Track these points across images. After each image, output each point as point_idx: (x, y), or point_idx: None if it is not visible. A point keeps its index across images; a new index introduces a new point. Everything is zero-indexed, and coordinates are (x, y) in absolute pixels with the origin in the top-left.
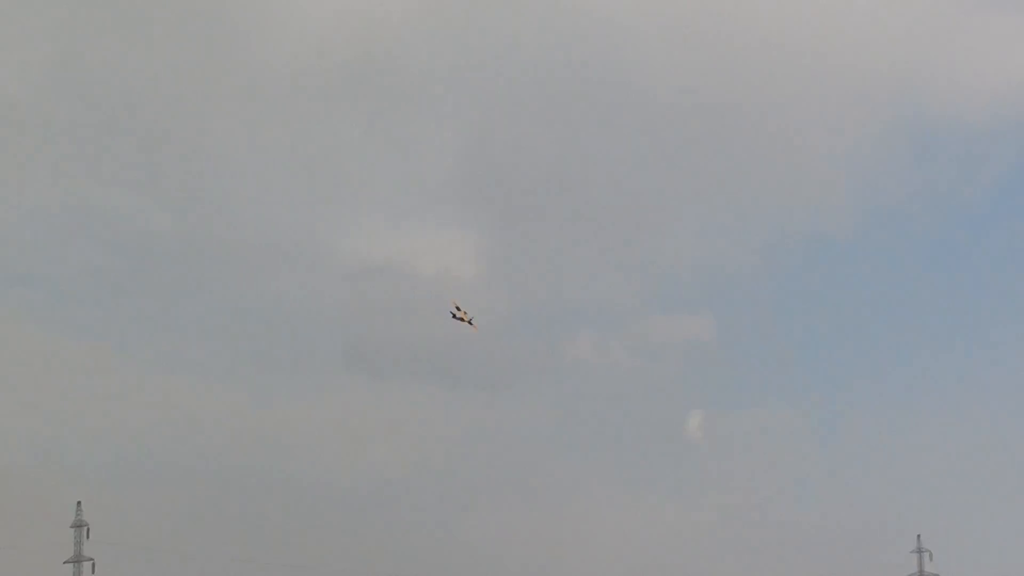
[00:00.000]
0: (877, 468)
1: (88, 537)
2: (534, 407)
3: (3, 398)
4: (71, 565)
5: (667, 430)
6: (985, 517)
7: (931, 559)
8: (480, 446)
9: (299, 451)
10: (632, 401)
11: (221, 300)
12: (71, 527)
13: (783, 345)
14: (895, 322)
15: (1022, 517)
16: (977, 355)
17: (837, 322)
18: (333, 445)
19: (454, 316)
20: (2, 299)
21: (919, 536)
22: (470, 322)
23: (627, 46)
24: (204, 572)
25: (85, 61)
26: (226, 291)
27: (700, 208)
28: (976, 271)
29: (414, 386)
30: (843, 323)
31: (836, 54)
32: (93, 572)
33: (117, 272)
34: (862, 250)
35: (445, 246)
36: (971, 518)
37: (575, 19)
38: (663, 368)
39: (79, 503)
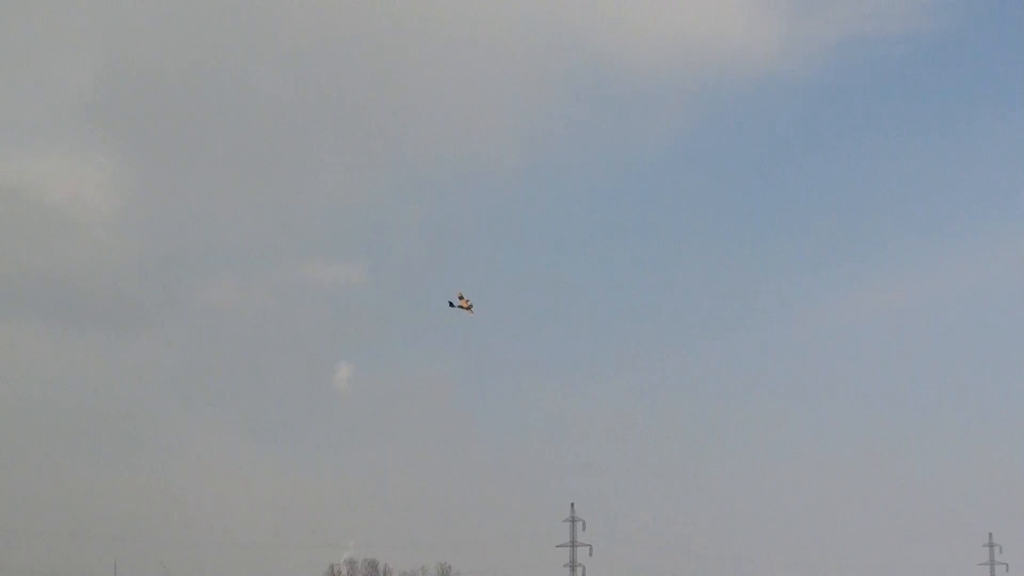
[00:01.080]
0: (530, 431)
1: None
2: (163, 351)
3: None
4: None
5: (312, 380)
6: (634, 488)
7: (584, 528)
8: (99, 389)
9: None
10: (275, 349)
11: None
12: None
13: (437, 294)
14: (551, 272)
15: (670, 491)
16: (632, 310)
17: (493, 270)
18: None
19: (452, 305)
20: None
21: (572, 504)
22: (469, 308)
23: None
24: None
25: None
26: None
27: (355, 156)
28: (637, 219)
29: (33, 321)
30: (500, 271)
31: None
32: None
33: None
34: (523, 194)
35: (78, 174)
36: (620, 490)
37: None
38: (310, 315)
39: None
